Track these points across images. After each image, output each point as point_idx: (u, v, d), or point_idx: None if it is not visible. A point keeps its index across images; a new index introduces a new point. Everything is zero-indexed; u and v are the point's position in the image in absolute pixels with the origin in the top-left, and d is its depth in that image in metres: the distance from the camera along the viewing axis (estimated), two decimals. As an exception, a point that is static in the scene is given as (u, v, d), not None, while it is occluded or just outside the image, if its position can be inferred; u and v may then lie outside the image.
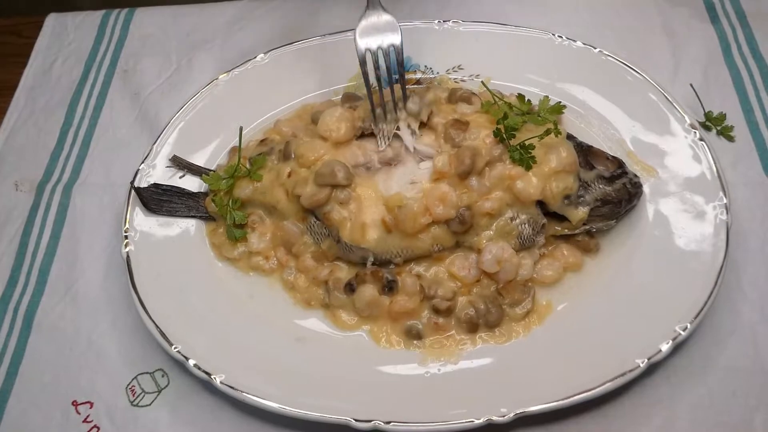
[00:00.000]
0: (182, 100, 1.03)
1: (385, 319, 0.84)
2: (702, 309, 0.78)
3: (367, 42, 0.84)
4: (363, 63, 0.85)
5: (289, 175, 0.89)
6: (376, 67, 0.85)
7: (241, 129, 0.94)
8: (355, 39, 0.85)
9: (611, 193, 0.85)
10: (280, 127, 0.99)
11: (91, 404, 0.83)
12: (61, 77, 1.17)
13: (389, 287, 0.84)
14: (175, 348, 0.80)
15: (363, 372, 0.80)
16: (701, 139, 0.92)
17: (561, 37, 1.03)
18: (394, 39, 0.84)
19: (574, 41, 1.03)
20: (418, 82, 1.00)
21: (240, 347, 0.82)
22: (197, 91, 1.04)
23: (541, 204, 0.85)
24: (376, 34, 0.84)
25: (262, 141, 0.98)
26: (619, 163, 0.86)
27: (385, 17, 0.85)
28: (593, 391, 0.74)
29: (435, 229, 0.83)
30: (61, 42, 1.22)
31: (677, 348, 0.77)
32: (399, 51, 0.85)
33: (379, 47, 0.84)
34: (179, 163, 0.98)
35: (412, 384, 0.79)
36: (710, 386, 0.79)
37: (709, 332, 0.82)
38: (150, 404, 0.83)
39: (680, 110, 0.95)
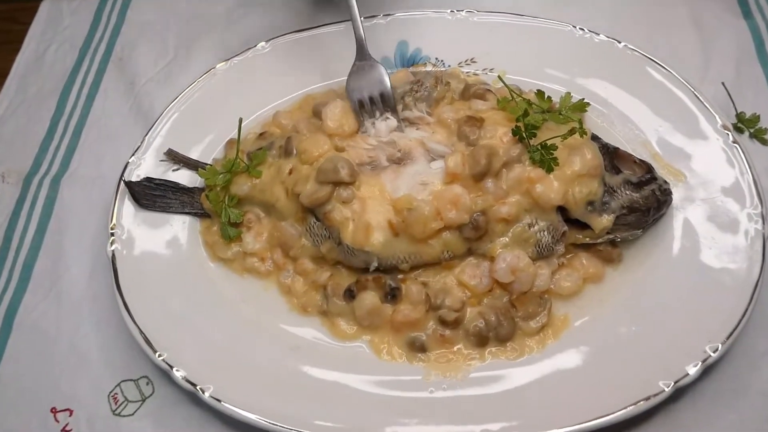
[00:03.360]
0: (179, 90, 0.99)
1: (386, 329, 0.79)
2: (735, 328, 0.73)
3: (359, 93, 0.89)
4: (357, 110, 0.89)
5: (290, 172, 0.85)
6: (370, 113, 0.88)
7: (240, 120, 0.90)
8: (347, 90, 0.90)
9: (639, 200, 0.80)
10: (279, 119, 0.95)
11: (71, 412, 0.80)
12: (55, 64, 1.14)
13: (392, 295, 0.79)
14: (159, 356, 0.76)
15: (362, 387, 0.76)
16: (735, 142, 0.87)
17: (582, 29, 0.99)
18: (383, 87, 0.88)
19: (597, 34, 0.99)
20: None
21: (230, 356, 0.78)
22: (194, 80, 1.00)
23: (561, 210, 0.80)
24: (366, 82, 0.89)
25: (261, 134, 0.94)
26: (648, 168, 0.82)
27: (374, 66, 0.90)
28: (613, 416, 0.69)
29: (446, 234, 0.78)
30: (55, 28, 1.19)
31: (707, 371, 0.73)
32: (389, 97, 0.89)
33: (371, 96, 0.88)
34: (174, 157, 0.94)
35: (414, 401, 0.74)
36: (741, 412, 0.75)
37: (742, 354, 0.78)
38: (133, 414, 0.79)
39: (711, 110, 0.90)
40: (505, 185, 0.78)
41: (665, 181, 0.82)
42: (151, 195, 0.89)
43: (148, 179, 0.90)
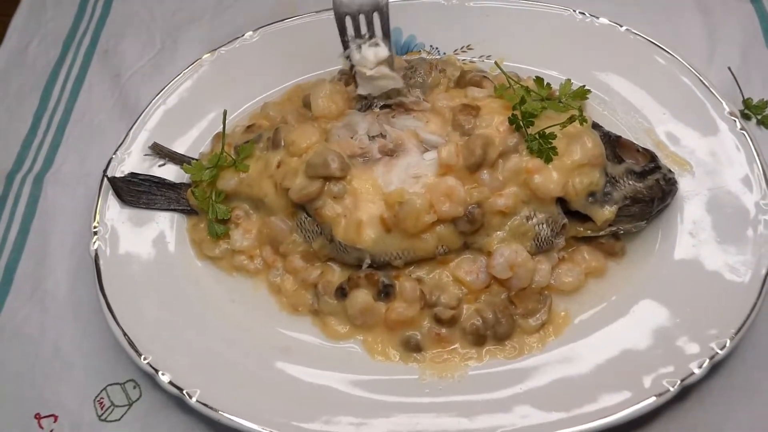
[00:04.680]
0: (166, 83, 0.96)
1: (380, 328, 0.77)
2: (743, 324, 0.71)
3: (348, 7, 0.75)
4: (342, 29, 0.77)
5: (279, 165, 0.82)
6: (358, 35, 0.78)
7: (225, 112, 0.87)
8: (334, 4, 0.76)
9: (642, 190, 0.77)
10: (267, 110, 0.92)
11: (56, 418, 0.78)
12: (38, 58, 1.12)
13: (385, 292, 0.77)
14: (144, 359, 0.73)
15: (355, 389, 0.73)
16: (742, 129, 0.84)
17: (582, 13, 0.97)
18: (378, 3, 0.75)
19: (597, 18, 0.96)
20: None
21: (218, 359, 0.75)
22: (179, 71, 0.97)
23: (561, 202, 0.77)
24: None
25: (248, 127, 0.91)
26: (652, 157, 0.80)
27: None
28: (616, 417, 0.67)
29: (440, 228, 0.76)
30: (38, 20, 1.16)
31: (714, 369, 0.70)
32: (384, 16, 0.76)
33: (361, 12, 0.75)
34: (160, 151, 0.91)
35: (409, 403, 0.72)
36: (751, 412, 0.73)
37: (751, 350, 0.75)
38: (119, 419, 0.77)
39: (717, 96, 0.87)
40: (502, 176, 0.75)
41: (670, 171, 0.79)
42: (135, 191, 0.86)
43: (133, 174, 0.87)
